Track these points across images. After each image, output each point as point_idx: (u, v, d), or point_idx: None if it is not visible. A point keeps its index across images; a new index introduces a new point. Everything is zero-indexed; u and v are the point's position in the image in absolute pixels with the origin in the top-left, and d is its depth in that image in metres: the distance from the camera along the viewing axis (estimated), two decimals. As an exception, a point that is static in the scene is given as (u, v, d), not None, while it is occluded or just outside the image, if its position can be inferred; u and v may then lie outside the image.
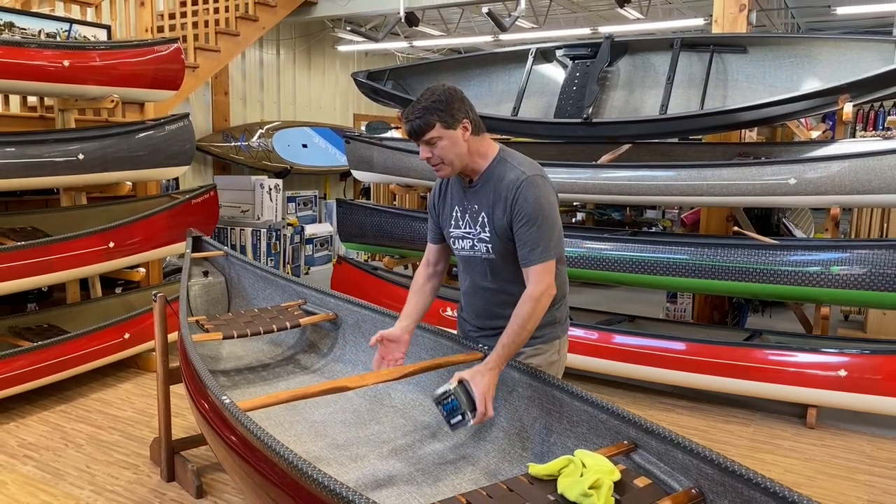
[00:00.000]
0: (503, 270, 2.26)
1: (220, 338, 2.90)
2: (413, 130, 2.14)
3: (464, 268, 2.40)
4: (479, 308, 2.40)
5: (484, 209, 2.23)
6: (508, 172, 2.19)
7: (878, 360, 3.79)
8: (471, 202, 2.27)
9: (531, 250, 2.13)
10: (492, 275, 2.29)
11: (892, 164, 3.88)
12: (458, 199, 2.32)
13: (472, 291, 2.39)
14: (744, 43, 4.80)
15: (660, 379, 4.31)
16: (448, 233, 2.38)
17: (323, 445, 2.44)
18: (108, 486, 3.23)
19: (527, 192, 2.13)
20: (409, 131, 2.15)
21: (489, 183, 2.22)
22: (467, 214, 2.29)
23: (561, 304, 2.36)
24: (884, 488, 3.32)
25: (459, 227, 2.32)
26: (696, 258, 4.33)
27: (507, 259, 2.23)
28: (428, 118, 2.11)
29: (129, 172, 4.83)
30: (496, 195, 2.19)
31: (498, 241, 2.22)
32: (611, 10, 8.75)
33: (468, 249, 2.32)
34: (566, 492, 1.57)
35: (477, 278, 2.34)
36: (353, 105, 11.13)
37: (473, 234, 2.28)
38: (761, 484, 1.45)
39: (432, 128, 2.11)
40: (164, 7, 7.12)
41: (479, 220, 2.25)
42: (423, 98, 2.14)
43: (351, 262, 5.92)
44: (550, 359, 2.32)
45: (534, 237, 2.12)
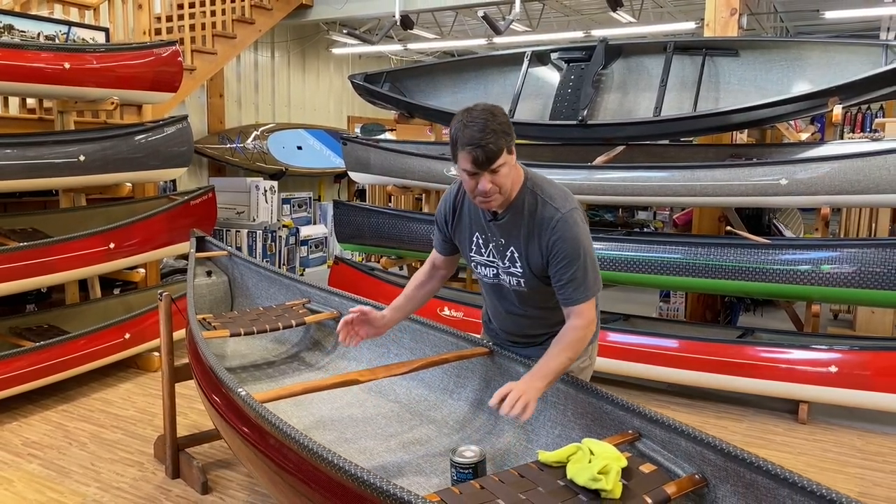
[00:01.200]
0: (534, 299, 2.21)
1: (228, 335, 2.95)
2: (484, 158, 1.88)
3: (489, 291, 2.32)
4: (509, 328, 2.39)
5: (513, 244, 2.10)
6: (541, 208, 2.04)
7: (868, 356, 3.88)
8: (496, 235, 2.13)
9: (574, 290, 2.03)
10: (521, 303, 2.24)
11: (880, 164, 3.98)
12: (479, 227, 2.18)
13: (500, 315, 2.34)
14: (735, 46, 4.90)
15: (654, 376, 4.39)
16: (468, 256, 2.26)
17: (331, 439, 2.49)
18: (113, 482, 3.27)
19: (565, 232, 2.00)
20: (478, 159, 1.88)
21: (518, 216, 2.06)
22: (491, 245, 2.16)
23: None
24: (874, 481, 3.40)
25: (482, 254, 2.20)
26: (690, 257, 4.41)
27: (539, 290, 2.16)
28: (500, 142, 1.88)
29: (129, 174, 4.87)
30: (528, 232, 2.05)
31: (532, 278, 2.11)
32: (603, 13, 8.85)
33: (492, 277, 2.23)
34: (575, 477, 1.63)
35: (504, 304, 2.29)
36: (347, 107, 11.18)
37: (499, 267, 2.17)
38: (763, 467, 1.52)
39: (502, 153, 1.90)
40: (161, 10, 7.15)
41: (508, 254, 2.12)
42: (485, 119, 1.89)
43: (348, 263, 5.97)
44: (582, 364, 2.30)
45: (576, 278, 2.02)
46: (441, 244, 2.37)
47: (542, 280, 2.11)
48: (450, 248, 2.35)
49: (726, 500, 1.63)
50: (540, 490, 1.63)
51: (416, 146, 6.19)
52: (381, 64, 11.67)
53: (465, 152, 1.90)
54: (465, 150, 1.90)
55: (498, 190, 1.97)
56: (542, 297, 2.18)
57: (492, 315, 2.44)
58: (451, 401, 2.63)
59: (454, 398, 2.62)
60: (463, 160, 1.93)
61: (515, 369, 2.36)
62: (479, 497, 1.59)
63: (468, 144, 1.88)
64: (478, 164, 1.90)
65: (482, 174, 1.92)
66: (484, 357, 2.48)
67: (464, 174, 1.97)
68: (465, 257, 2.31)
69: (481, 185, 1.94)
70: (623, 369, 4.43)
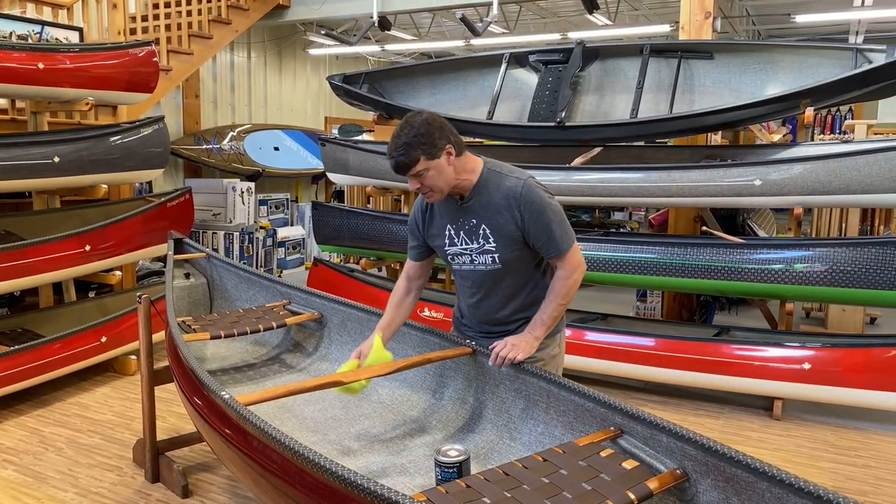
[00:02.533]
0: (509, 275, 2.32)
1: (208, 338, 2.93)
2: (398, 167, 2.15)
3: (465, 281, 2.42)
4: (485, 316, 2.45)
5: (484, 222, 2.26)
6: (503, 181, 2.25)
7: (840, 353, 3.97)
8: (466, 217, 2.29)
9: (555, 244, 2.23)
10: (497, 283, 2.34)
11: (850, 166, 4.07)
12: (449, 217, 2.34)
13: (476, 300, 2.42)
14: (710, 49, 4.97)
15: (632, 375, 4.45)
16: (443, 252, 2.40)
17: (315, 441, 2.49)
18: (92, 487, 3.23)
19: (530, 194, 2.21)
20: (395, 167, 2.16)
21: (484, 195, 2.26)
22: (462, 231, 2.31)
23: None
24: (847, 475, 3.48)
25: (455, 244, 2.34)
26: (666, 257, 4.47)
27: (513, 266, 2.30)
28: (411, 154, 2.12)
29: (104, 175, 4.82)
30: (496, 205, 2.24)
31: (505, 249, 2.26)
32: (579, 16, 8.93)
33: (468, 264, 2.35)
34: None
35: (482, 288, 2.37)
36: (324, 108, 11.15)
37: (472, 250, 2.31)
38: (742, 461, 1.56)
39: (417, 162, 2.13)
40: (136, 9, 7.07)
41: (480, 232, 2.28)
42: (403, 133, 2.13)
43: (327, 265, 5.96)
44: (552, 352, 2.40)
45: (553, 231, 2.22)
46: (415, 251, 2.51)
47: (516, 248, 2.27)
48: (424, 252, 2.50)
49: (707, 494, 1.67)
50: (525, 488, 1.65)
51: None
52: (358, 65, 11.65)
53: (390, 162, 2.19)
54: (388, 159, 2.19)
55: (430, 189, 2.21)
56: (516, 270, 2.33)
57: (467, 307, 2.50)
58: (434, 400, 2.64)
59: (437, 398, 2.64)
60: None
61: (497, 369, 2.37)
62: (466, 496, 1.61)
63: (387, 155, 2.19)
64: (397, 171, 2.19)
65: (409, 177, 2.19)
66: (467, 357, 2.50)
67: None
68: (441, 254, 2.44)
69: (410, 185, 2.22)
70: (601, 368, 4.47)
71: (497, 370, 2.37)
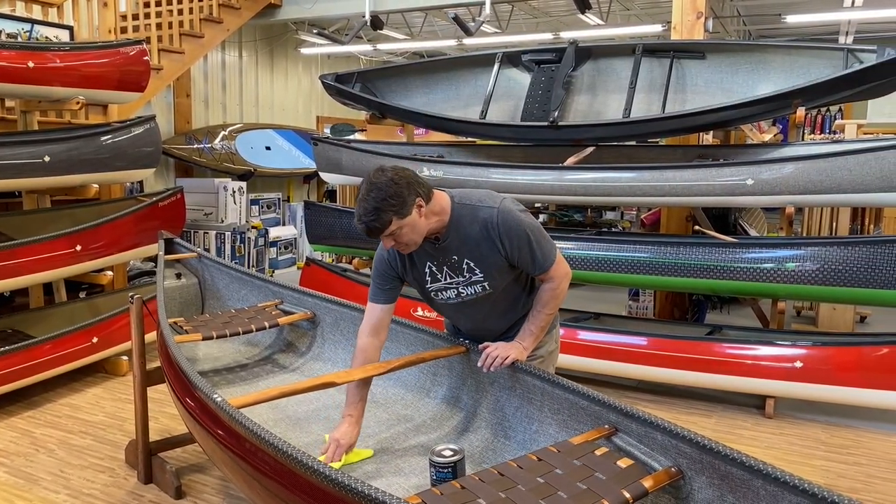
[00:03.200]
0: (502, 294, 2.33)
1: (200, 338, 2.92)
2: (370, 231, 2.08)
3: (453, 312, 2.44)
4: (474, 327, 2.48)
5: (465, 256, 2.23)
6: (477, 213, 2.20)
7: (831, 351, 3.99)
8: (446, 255, 2.26)
9: (538, 263, 2.24)
10: (491, 303, 2.34)
11: (841, 165, 4.09)
12: (427, 256, 2.29)
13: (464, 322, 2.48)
14: (702, 49, 4.99)
15: (624, 374, 4.46)
16: (426, 290, 2.36)
17: (308, 441, 2.48)
18: (84, 489, 3.21)
19: (507, 221, 2.17)
20: (367, 233, 2.09)
21: (459, 231, 2.21)
22: (445, 266, 2.28)
23: None
24: (838, 473, 3.50)
25: (438, 280, 2.31)
26: (658, 256, 4.48)
27: (506, 287, 2.32)
28: (382, 217, 2.05)
29: (95, 175, 4.78)
30: (474, 239, 2.20)
31: (493, 276, 2.25)
32: (571, 15, 8.94)
33: (454, 298, 2.33)
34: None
35: (473, 314, 2.39)
36: (316, 107, 11.12)
37: (458, 283, 2.29)
38: (737, 459, 1.56)
39: (389, 224, 2.07)
40: (126, 8, 7.03)
41: (464, 267, 2.25)
42: (370, 197, 2.05)
43: (319, 264, 5.94)
44: (549, 348, 2.43)
45: (535, 251, 2.21)
46: (387, 293, 2.39)
47: (504, 273, 2.27)
48: (397, 290, 2.41)
49: (702, 491, 1.67)
50: (520, 488, 1.65)
51: (389, 146, 6.18)
52: (350, 64, 11.63)
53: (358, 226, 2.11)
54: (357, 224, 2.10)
55: (405, 244, 2.15)
56: (509, 288, 2.34)
57: (460, 327, 2.54)
58: (428, 400, 2.64)
59: (431, 397, 2.64)
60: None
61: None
62: (460, 497, 1.60)
63: (356, 221, 2.10)
64: (369, 236, 2.11)
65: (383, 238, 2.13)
66: (460, 356, 2.50)
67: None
68: (423, 293, 2.39)
69: (384, 244, 2.18)
70: (594, 367, 4.48)
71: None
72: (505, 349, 2.26)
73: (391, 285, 2.39)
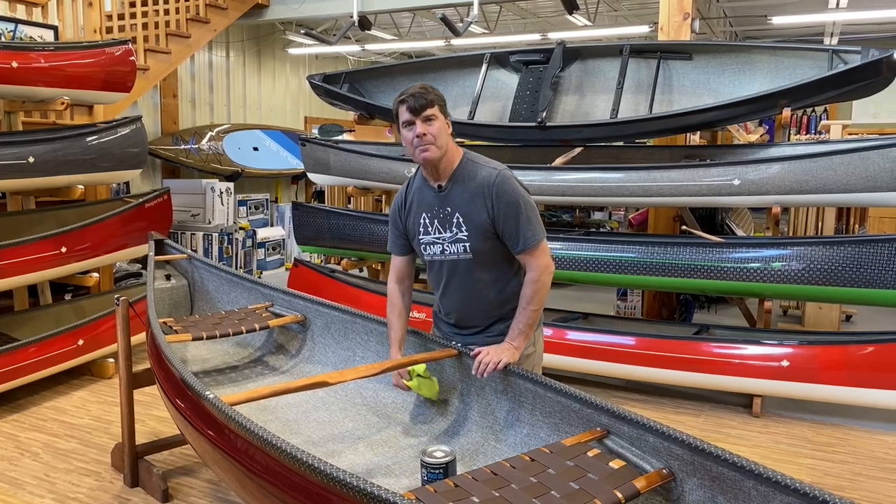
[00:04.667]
0: (481, 270, 2.35)
1: (190, 339, 2.90)
2: (416, 106, 2.20)
3: (436, 272, 2.46)
4: (458, 306, 2.47)
5: (458, 210, 2.31)
6: (479, 171, 2.31)
7: (817, 350, 4.02)
8: (442, 206, 2.35)
9: (522, 236, 2.27)
10: (468, 273, 2.37)
11: (826, 165, 4.13)
12: (426, 206, 2.39)
13: (448, 293, 2.46)
14: (689, 50, 5.02)
15: (613, 373, 4.47)
16: (417, 240, 2.45)
17: (298, 443, 2.47)
18: (69, 493, 3.18)
19: (504, 185, 2.26)
20: (413, 107, 2.20)
21: (459, 184, 2.32)
22: (436, 220, 2.37)
23: None
24: (825, 471, 3.53)
25: (429, 233, 2.39)
26: (646, 256, 4.50)
27: (484, 258, 2.34)
28: (430, 97, 2.22)
29: (80, 176, 4.74)
30: (470, 194, 2.29)
31: (476, 238, 2.31)
32: (559, 16, 8.96)
33: (439, 254, 2.40)
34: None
35: (454, 278, 2.41)
36: (304, 108, 11.08)
37: (444, 239, 2.36)
38: (728, 459, 1.57)
39: (433, 106, 2.22)
40: (112, 8, 6.97)
41: (453, 221, 2.33)
42: (418, 86, 2.25)
43: (308, 266, 5.92)
44: (527, 351, 2.42)
45: (522, 224, 2.26)
46: (398, 244, 2.55)
47: (487, 239, 2.31)
48: (407, 244, 2.53)
49: (693, 493, 1.68)
50: (513, 487, 1.65)
51: (377, 147, 6.17)
52: (338, 64, 11.60)
53: (403, 105, 2.23)
54: (402, 102, 2.24)
55: (433, 140, 2.23)
56: (487, 262, 2.36)
57: (439, 297, 2.52)
58: (420, 402, 2.63)
59: (422, 399, 2.63)
60: (402, 113, 2.24)
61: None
62: (454, 495, 1.60)
63: (405, 97, 2.23)
64: (412, 111, 2.21)
65: (417, 122, 2.22)
66: (452, 359, 2.49)
67: (404, 131, 2.27)
68: (416, 244, 2.47)
69: (417, 129, 2.22)
70: (582, 367, 4.49)
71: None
72: (497, 353, 2.27)
73: (400, 234, 2.52)
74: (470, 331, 2.47)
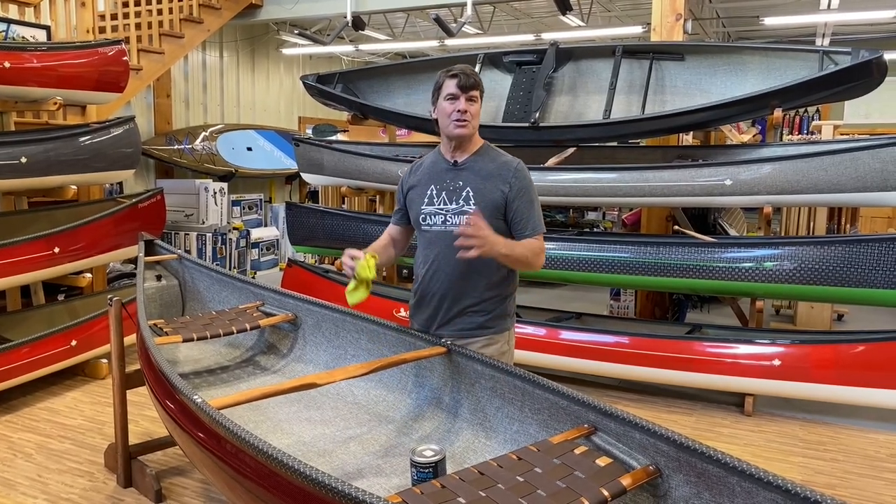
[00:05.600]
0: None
1: (180, 340, 2.90)
2: (468, 84, 2.34)
3: (429, 245, 2.50)
4: (444, 283, 2.47)
5: (470, 184, 2.42)
6: (500, 156, 2.48)
7: (809, 349, 4.04)
8: (454, 179, 2.45)
9: (532, 221, 2.41)
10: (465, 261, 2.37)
11: (817, 165, 4.15)
12: (436, 178, 2.49)
13: (439, 267, 2.47)
14: (681, 51, 5.04)
15: (606, 373, 4.48)
16: (418, 210, 2.51)
17: (289, 443, 2.48)
18: (62, 493, 3.18)
19: (525, 171, 2.45)
20: (465, 84, 2.33)
21: (479, 161, 2.45)
22: (444, 192, 2.46)
23: (512, 298, 2.55)
24: (815, 469, 3.55)
25: (433, 203, 2.48)
26: (639, 256, 4.52)
27: None
28: (478, 79, 2.39)
29: (73, 176, 4.74)
30: (487, 172, 2.42)
31: (485, 214, 2.35)
32: (553, 17, 8.98)
33: (440, 225, 2.46)
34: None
35: (447, 252, 2.42)
36: (298, 108, 11.07)
37: (448, 210, 2.45)
38: (713, 456, 1.59)
39: (478, 88, 2.38)
40: (105, 8, 6.96)
41: (463, 194, 2.43)
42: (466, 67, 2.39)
43: (301, 265, 5.92)
44: (502, 349, 2.49)
45: (535, 210, 2.44)
46: (398, 214, 2.68)
47: (491, 217, 2.37)
48: (404, 217, 2.65)
49: (679, 489, 1.69)
50: (500, 487, 1.66)
51: (371, 147, 6.18)
52: (332, 64, 11.60)
53: (452, 80, 2.35)
54: (453, 77, 2.35)
55: (471, 118, 2.38)
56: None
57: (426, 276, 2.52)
58: (410, 401, 2.64)
59: (413, 398, 2.64)
60: (449, 85, 2.36)
61: (473, 367, 2.39)
62: (441, 496, 1.61)
63: (456, 73, 2.35)
64: (461, 87, 2.34)
65: (461, 98, 2.34)
66: (441, 356, 2.50)
67: (445, 103, 2.38)
68: (415, 215, 2.55)
69: (460, 104, 2.35)
70: (575, 366, 4.50)
71: (472, 369, 2.39)
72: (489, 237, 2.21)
73: (401, 206, 2.65)
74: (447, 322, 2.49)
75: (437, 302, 2.51)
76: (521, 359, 4.52)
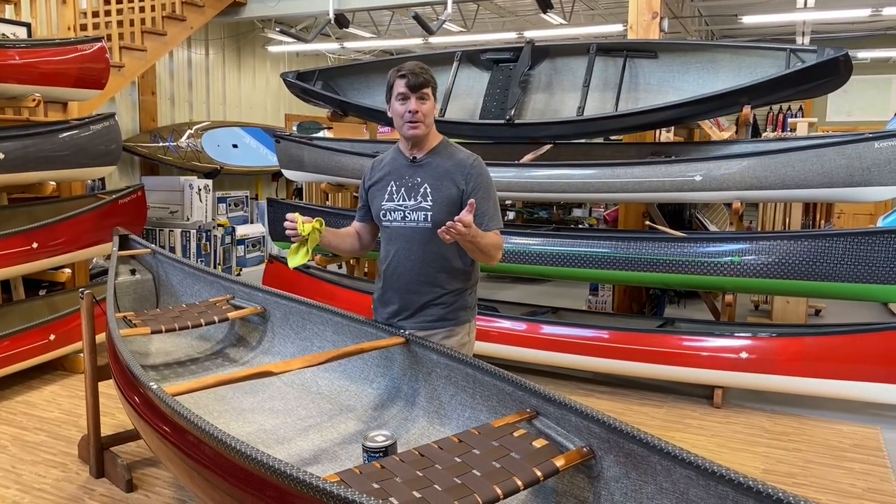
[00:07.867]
0: (435, 243, 2.40)
1: (149, 332, 2.96)
2: (417, 83, 2.35)
3: (391, 240, 2.55)
4: (404, 278, 2.52)
5: (427, 181, 2.46)
6: (457, 153, 2.52)
7: (775, 342, 4.12)
8: (412, 176, 2.49)
9: (491, 216, 2.45)
10: (423, 243, 2.46)
11: (785, 161, 4.22)
12: (396, 175, 2.53)
13: (399, 262, 2.52)
14: (654, 49, 5.10)
15: (580, 366, 4.55)
16: (379, 206, 2.55)
17: (250, 431, 2.54)
18: (35, 484, 3.23)
19: (481, 167, 2.49)
20: (414, 84, 2.35)
21: (436, 158, 2.49)
22: (403, 188, 2.50)
23: (472, 291, 2.60)
24: (778, 458, 3.62)
25: (393, 199, 2.52)
26: (614, 251, 4.58)
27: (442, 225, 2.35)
28: (427, 77, 2.38)
29: (52, 172, 4.78)
30: (444, 170, 2.46)
31: (440, 210, 2.43)
32: (536, 14, 9.03)
33: (399, 221, 2.50)
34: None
35: (407, 247, 2.49)
36: (284, 105, 11.11)
37: (406, 206, 2.49)
38: (637, 437, 1.65)
39: (428, 86, 2.39)
40: (87, 5, 6.99)
41: (421, 191, 2.46)
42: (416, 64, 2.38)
43: (283, 262, 5.97)
44: (462, 340, 2.53)
45: (491, 206, 2.47)
46: (361, 211, 2.71)
47: (449, 213, 2.38)
48: (368, 214, 2.67)
49: (610, 469, 1.75)
50: (437, 467, 1.72)
51: (351, 144, 6.23)
52: (318, 62, 11.63)
53: (401, 79, 2.37)
54: (402, 77, 2.37)
55: (423, 118, 2.40)
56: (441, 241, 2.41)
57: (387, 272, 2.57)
58: (371, 390, 2.71)
59: (374, 387, 2.70)
60: (399, 85, 2.37)
61: (429, 357, 2.45)
62: (378, 475, 1.67)
63: (405, 72, 2.36)
64: (410, 87, 2.35)
65: (412, 98, 2.37)
66: (401, 347, 2.57)
67: (396, 103, 2.41)
68: (376, 211, 2.58)
69: (411, 105, 2.37)
70: (553, 360, 4.56)
71: (429, 359, 2.45)
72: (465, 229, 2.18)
73: (364, 204, 2.67)
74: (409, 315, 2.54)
75: (399, 296, 2.56)
76: (501, 354, 4.59)
